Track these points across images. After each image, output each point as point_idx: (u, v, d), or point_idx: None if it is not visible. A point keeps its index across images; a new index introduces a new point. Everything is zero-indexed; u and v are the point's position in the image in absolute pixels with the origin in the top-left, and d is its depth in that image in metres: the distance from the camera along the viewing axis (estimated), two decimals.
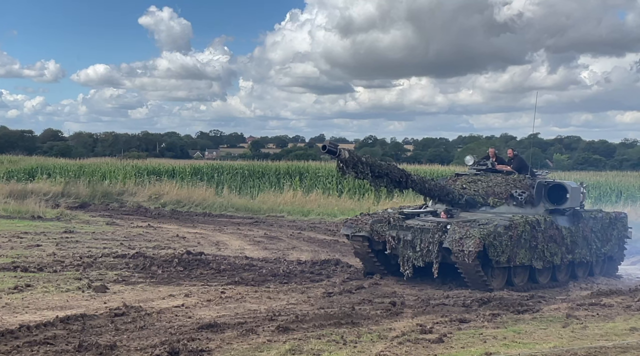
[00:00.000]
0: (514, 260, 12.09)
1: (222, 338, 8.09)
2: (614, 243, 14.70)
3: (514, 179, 13.64)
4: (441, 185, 12.87)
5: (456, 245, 11.54)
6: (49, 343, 7.61)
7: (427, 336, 8.41)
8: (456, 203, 12.98)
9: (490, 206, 13.21)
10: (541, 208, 13.44)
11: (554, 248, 12.93)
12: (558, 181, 14.22)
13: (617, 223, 14.87)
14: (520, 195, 13.26)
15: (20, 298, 10.17)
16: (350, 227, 13.06)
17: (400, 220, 12.65)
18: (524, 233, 12.20)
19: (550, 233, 12.86)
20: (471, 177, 14.00)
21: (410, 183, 12.04)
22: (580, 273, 14.10)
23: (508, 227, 11.92)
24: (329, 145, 10.88)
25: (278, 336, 8.26)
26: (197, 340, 7.95)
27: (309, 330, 8.62)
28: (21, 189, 28.72)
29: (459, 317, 9.55)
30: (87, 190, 30.14)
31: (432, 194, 12.65)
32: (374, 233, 12.69)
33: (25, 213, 23.09)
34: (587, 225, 13.85)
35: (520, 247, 12.16)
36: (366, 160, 11.25)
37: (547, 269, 13.11)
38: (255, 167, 37.25)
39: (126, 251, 15.31)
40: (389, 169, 11.67)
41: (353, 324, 9.02)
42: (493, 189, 13.42)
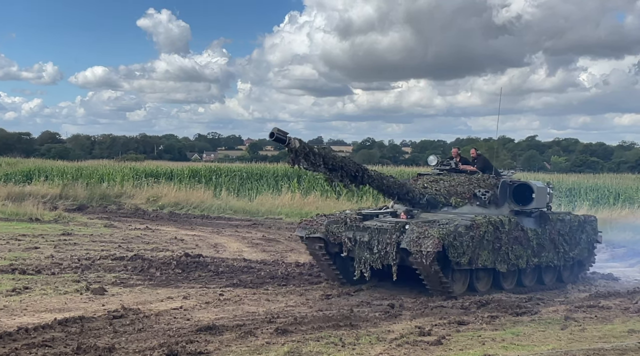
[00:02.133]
0: (475, 262, 11.51)
1: (221, 341, 8.08)
2: (583, 247, 14.12)
3: (478, 179, 13.15)
4: (401, 183, 12.27)
5: (414, 245, 10.89)
6: (48, 345, 7.60)
7: (426, 338, 8.41)
8: (417, 203, 12.41)
9: (452, 206, 12.65)
10: (506, 208, 12.86)
11: (519, 250, 12.39)
12: (523, 181, 13.73)
13: (586, 226, 14.32)
14: (483, 195, 12.71)
15: (19, 301, 10.16)
16: (304, 228, 12.34)
17: (358, 220, 12.00)
18: (486, 234, 11.63)
19: (515, 235, 12.30)
20: (433, 177, 13.49)
21: (367, 178, 11.38)
22: (548, 279, 13.57)
23: (469, 227, 11.33)
24: (277, 132, 10.02)
25: (277, 338, 8.25)
26: (196, 342, 7.94)
27: (308, 332, 8.62)
28: (19, 191, 28.68)
29: (457, 319, 9.56)
30: (85, 193, 30.10)
31: (390, 192, 11.99)
32: (329, 234, 12.01)
33: (23, 215, 23.05)
34: (554, 228, 13.31)
35: (482, 248, 11.59)
36: (319, 151, 10.51)
37: (512, 273, 12.56)
38: (253, 169, 37.25)
39: (124, 253, 15.30)
40: (343, 162, 10.93)
41: (351, 326, 9.02)
42: (455, 189, 12.92)
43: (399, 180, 12.52)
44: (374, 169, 12.17)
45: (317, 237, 12.13)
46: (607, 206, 27.85)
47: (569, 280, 14.04)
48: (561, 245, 13.43)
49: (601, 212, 26.41)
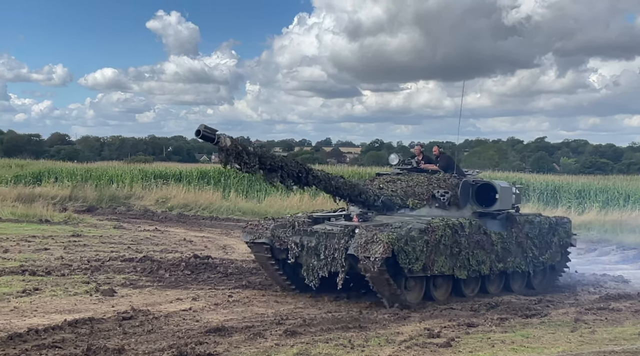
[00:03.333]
0: (431, 268, 10.66)
1: (230, 342, 8.09)
2: (554, 252, 13.36)
3: (438, 178, 12.27)
4: (352, 184, 11.40)
5: (362, 251, 10.05)
6: (58, 346, 7.63)
7: (435, 340, 8.39)
8: (372, 205, 11.59)
9: (409, 208, 11.79)
10: (468, 210, 12.08)
11: (481, 255, 11.56)
12: (486, 180, 12.73)
13: (558, 229, 13.51)
14: (442, 196, 11.82)
15: (29, 302, 10.20)
16: (249, 233, 11.61)
17: (307, 224, 11.24)
18: (443, 238, 10.81)
19: (477, 239, 11.49)
20: (391, 177, 12.64)
21: (312, 179, 10.62)
22: (516, 286, 12.75)
23: (424, 230, 10.54)
24: (204, 130, 9.21)
25: (286, 340, 8.26)
26: (205, 343, 7.96)
27: (317, 333, 8.62)
28: (29, 193, 28.80)
29: (466, 321, 9.53)
30: (95, 194, 30.21)
31: (340, 193, 11.19)
32: (275, 239, 11.26)
33: (33, 217, 23.16)
34: (522, 231, 12.52)
35: (439, 253, 10.76)
36: (254, 151, 9.77)
37: (475, 280, 11.76)
38: None
39: (133, 255, 15.34)
40: (283, 162, 10.18)
41: (361, 328, 9.01)
42: (413, 189, 12.01)
43: (351, 180, 11.76)
44: (320, 169, 11.46)
45: (262, 242, 11.42)
46: (617, 208, 27.70)
47: (540, 286, 13.27)
48: (530, 249, 12.67)
49: (611, 214, 26.31)
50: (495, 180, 12.91)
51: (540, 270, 13.24)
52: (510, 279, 12.60)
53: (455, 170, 12.85)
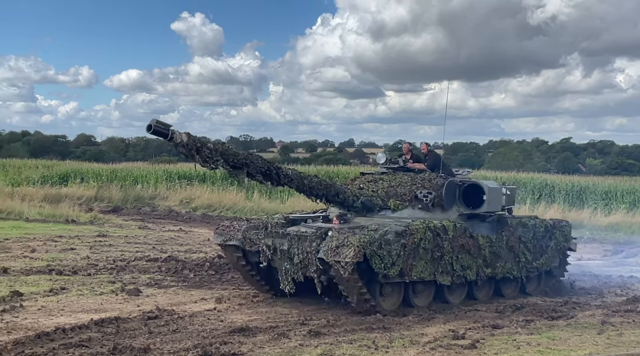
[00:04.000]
0: (408, 274, 10.06)
1: (254, 342, 8.12)
2: (550, 256, 12.74)
3: (423, 178, 11.64)
4: (327, 184, 10.81)
5: (332, 254, 9.50)
6: (84, 345, 7.71)
7: (460, 342, 8.35)
8: (351, 206, 11.09)
9: (391, 209, 11.22)
10: (454, 212, 11.44)
11: (467, 260, 10.96)
12: (474, 180, 11.95)
13: (555, 232, 12.86)
14: (425, 197, 11.20)
15: (56, 301, 10.33)
16: (220, 235, 11.21)
17: (280, 226, 10.73)
18: (423, 242, 10.21)
19: (462, 242, 10.87)
20: (373, 176, 12.08)
21: (282, 178, 10.11)
22: (509, 291, 12.18)
23: (400, 233, 9.93)
24: (156, 125, 8.62)
25: (310, 340, 8.27)
26: (229, 343, 8.00)
27: (341, 334, 8.62)
28: (55, 193, 29.13)
29: (491, 323, 9.47)
30: (120, 194, 30.48)
31: (315, 193, 10.63)
32: (246, 241, 10.79)
33: (60, 217, 23.42)
34: (513, 234, 11.90)
35: (418, 258, 10.17)
36: (215, 147, 9.25)
37: (460, 286, 11.23)
38: None
39: (158, 255, 15.45)
40: (248, 159, 9.64)
41: (385, 329, 9.00)
42: (395, 190, 11.44)
43: (326, 180, 11.07)
44: (292, 168, 10.90)
45: (233, 244, 10.98)
46: None
47: (535, 292, 12.64)
48: (522, 254, 12.05)
49: (638, 216, 25.99)
50: (484, 181, 12.22)
51: (535, 276, 12.69)
52: (501, 285, 12.02)
53: (443, 170, 12.27)
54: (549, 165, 70.32)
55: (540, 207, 28.04)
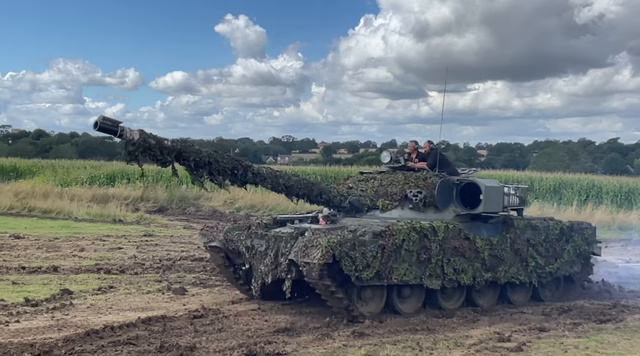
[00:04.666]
0: (388, 276, 9.50)
1: (298, 342, 8.17)
2: (568, 261, 11.81)
3: (417, 177, 10.99)
4: (308, 183, 10.31)
5: (301, 255, 9.07)
6: (132, 343, 7.85)
7: (506, 344, 8.27)
8: (338, 206, 10.58)
9: (380, 209, 10.65)
10: (450, 213, 10.82)
11: (461, 263, 10.27)
12: (471, 179, 11.18)
13: (574, 235, 11.93)
14: (415, 196, 10.57)
15: (104, 299, 10.53)
16: (204, 236, 10.88)
17: (263, 226, 10.37)
18: (406, 243, 9.63)
19: (455, 244, 10.21)
20: (366, 176, 11.52)
21: (254, 177, 9.56)
22: (517, 298, 11.35)
23: (379, 234, 9.40)
24: (103, 121, 8.18)
25: (353, 341, 8.28)
26: (274, 343, 8.05)
27: (385, 335, 8.61)
28: (103, 194, 29.73)
29: (538, 326, 9.35)
30: (165, 195, 30.94)
31: (294, 193, 10.12)
32: (228, 242, 10.43)
33: (107, 217, 23.88)
34: (520, 236, 11.11)
35: (400, 260, 9.60)
36: (171, 145, 8.71)
37: (457, 291, 10.55)
38: (327, 172, 37.47)
39: (203, 254, 15.59)
40: (212, 158, 9.10)
41: (429, 331, 8.96)
42: (386, 189, 10.84)
43: (308, 179, 10.55)
44: (267, 166, 10.39)
45: (215, 245, 10.62)
46: None
47: (552, 299, 11.74)
48: (532, 258, 11.22)
49: None
50: (481, 179, 11.32)
51: (550, 281, 11.76)
52: (508, 290, 11.25)
53: (447, 169, 11.60)
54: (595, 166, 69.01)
55: (587, 209, 27.55)
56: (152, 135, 8.60)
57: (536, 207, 26.98)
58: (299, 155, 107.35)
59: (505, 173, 38.45)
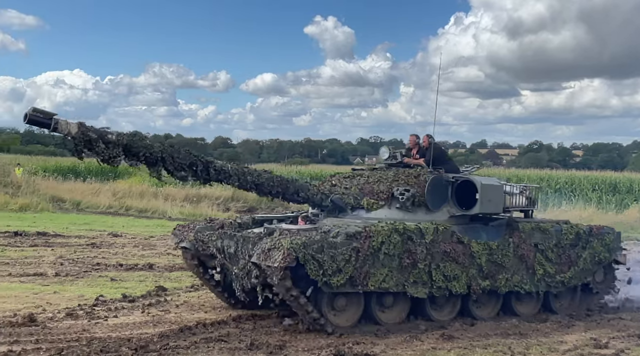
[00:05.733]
0: (363, 283, 8.54)
1: (387, 343, 8.14)
2: (584, 269, 10.58)
3: (408, 174, 9.92)
4: (282, 180, 9.44)
5: (263, 258, 8.17)
6: (224, 340, 8.02)
7: (602, 351, 7.98)
8: (319, 205, 9.79)
9: (365, 209, 9.67)
10: (444, 213, 9.75)
11: (453, 269, 9.24)
12: (467, 176, 10.02)
13: (592, 241, 10.70)
14: (401, 195, 9.54)
15: (197, 297, 10.80)
16: (176, 236, 10.16)
17: (236, 226, 9.72)
18: (386, 246, 8.67)
19: (446, 249, 9.21)
20: (353, 173, 10.58)
21: (217, 174, 8.79)
22: (524, 310, 10.25)
23: (352, 235, 8.47)
24: (33, 113, 7.43)
25: (443, 343, 8.19)
26: (362, 343, 8.05)
27: (475, 339, 8.47)
28: (195, 194, 30.57)
29: (637, 332, 8.99)
30: (255, 195, 31.35)
31: (268, 191, 9.34)
32: (198, 243, 9.59)
33: (199, 216, 24.48)
34: (526, 241, 10.01)
35: (379, 265, 8.65)
36: (117, 139, 7.89)
37: (449, 300, 9.54)
38: None
39: None
40: (166, 153, 8.30)
41: (521, 335, 8.75)
42: (372, 187, 9.84)
43: (283, 176, 9.65)
44: (234, 163, 9.46)
45: (185, 246, 9.86)
46: None
47: (568, 311, 10.63)
48: (540, 265, 10.09)
49: None
50: (479, 177, 10.21)
51: (564, 292, 10.64)
52: (513, 300, 10.18)
53: (447, 165, 10.54)
54: None
55: None
56: (94, 128, 7.83)
57: (635, 209, 25.91)
58: None
59: (602, 175, 37.18)
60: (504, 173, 35.78)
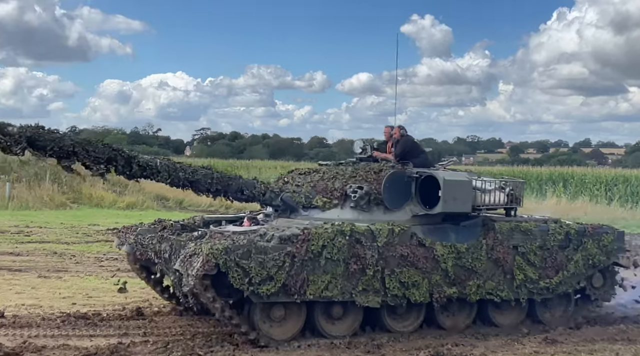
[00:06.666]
0: (300, 291, 7.68)
1: (487, 346, 8.06)
2: (576, 274, 9.34)
3: (368, 169, 8.96)
4: (223, 176, 8.63)
5: (183, 265, 7.47)
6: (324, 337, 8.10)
7: None
8: (270, 204, 9.03)
9: (318, 208, 8.75)
10: (406, 213, 8.72)
11: (412, 275, 8.23)
12: (430, 171, 8.85)
13: (586, 242, 9.42)
14: (354, 192, 8.61)
15: None
16: (118, 237, 9.47)
17: (178, 229, 8.92)
18: (328, 250, 7.79)
19: (403, 252, 8.22)
20: (310, 169, 9.70)
21: (141, 169, 8.03)
22: (504, 319, 9.16)
23: (287, 239, 7.67)
24: None
25: (545, 348, 8.03)
26: (461, 345, 8.01)
27: (580, 343, 8.25)
28: None
29: None
30: None
31: (206, 188, 8.52)
32: (138, 247, 8.79)
33: None
34: (503, 243, 8.86)
35: (320, 271, 7.77)
36: (19, 131, 7.26)
37: (413, 309, 8.53)
38: (515, 173, 36.31)
39: None
40: (79, 146, 7.58)
41: (629, 341, 8.46)
42: (326, 184, 8.91)
43: (223, 173, 8.81)
44: (166, 158, 8.80)
45: (125, 249, 9.21)
46: None
47: (559, 322, 9.42)
48: (520, 269, 8.92)
49: None
50: (443, 171, 9.06)
51: (553, 299, 9.43)
52: (490, 309, 9.07)
53: (419, 159, 9.41)
54: None
55: None
56: None
57: None
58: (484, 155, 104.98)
59: None
60: (609, 173, 34.32)
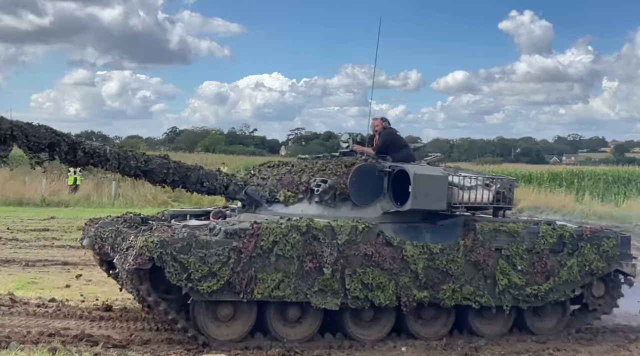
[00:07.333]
0: (246, 290, 7.20)
1: (590, 351, 7.94)
2: (570, 281, 8.43)
3: (338, 163, 8.34)
4: (180, 166, 8.16)
5: (120, 259, 7.16)
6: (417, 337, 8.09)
7: None
8: (234, 198, 8.55)
9: (283, 203, 8.20)
10: (375, 210, 8.03)
11: (377, 277, 7.58)
12: (402, 165, 8.08)
13: (583, 246, 8.49)
14: (317, 186, 8.03)
15: None
16: (83, 231, 8.99)
17: (137, 222, 8.33)
18: (279, 247, 7.28)
19: (367, 251, 7.57)
20: (280, 162, 9.22)
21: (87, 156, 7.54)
22: (487, 327, 8.34)
23: (233, 233, 7.22)
24: None
25: None
26: (564, 350, 7.90)
27: None
28: None
29: None
30: None
31: (160, 179, 8.08)
32: (97, 241, 8.17)
33: None
34: (484, 245, 8.08)
35: (270, 269, 7.27)
36: None
37: (382, 312, 7.90)
38: (620, 173, 35.11)
39: None
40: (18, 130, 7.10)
41: None
42: (292, 177, 8.36)
43: (181, 163, 8.32)
44: (116, 146, 8.25)
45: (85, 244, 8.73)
46: None
47: (552, 332, 8.61)
48: (503, 274, 8.11)
49: None
50: (414, 165, 8.35)
51: (548, 307, 8.59)
52: (470, 316, 8.30)
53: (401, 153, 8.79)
54: None
55: None
56: None
57: None
58: (586, 155, 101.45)
59: None
60: None
